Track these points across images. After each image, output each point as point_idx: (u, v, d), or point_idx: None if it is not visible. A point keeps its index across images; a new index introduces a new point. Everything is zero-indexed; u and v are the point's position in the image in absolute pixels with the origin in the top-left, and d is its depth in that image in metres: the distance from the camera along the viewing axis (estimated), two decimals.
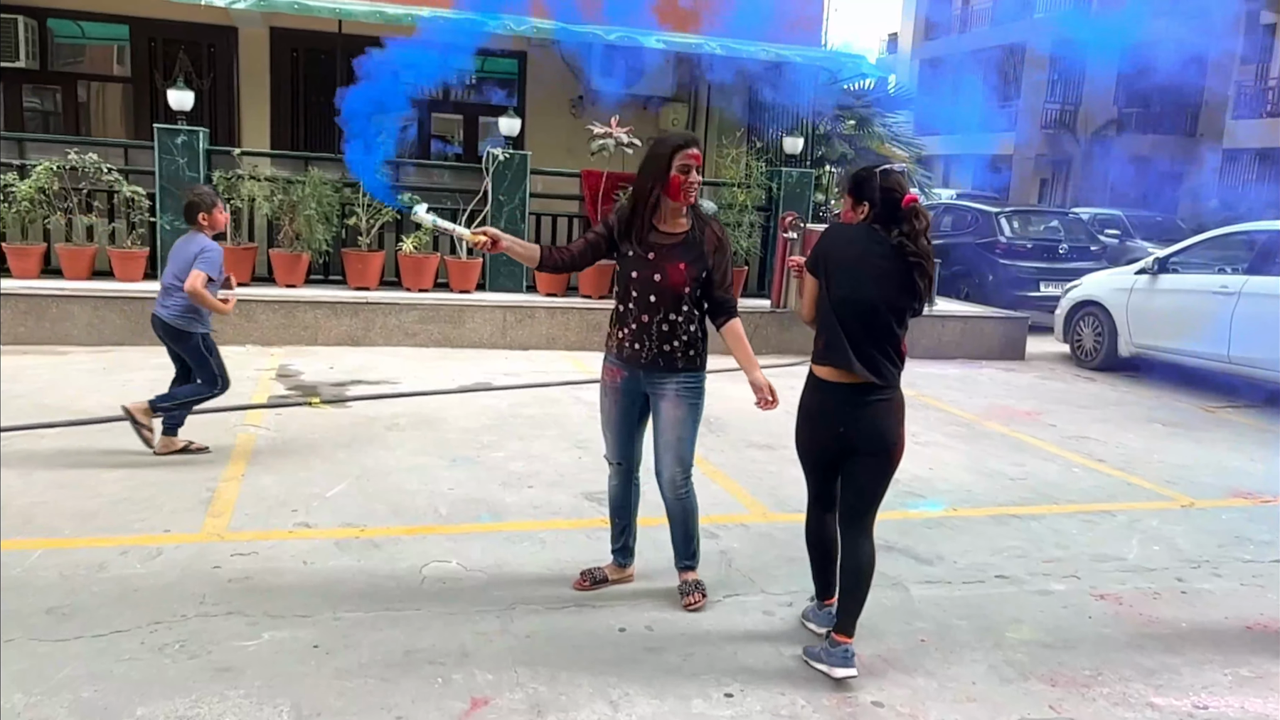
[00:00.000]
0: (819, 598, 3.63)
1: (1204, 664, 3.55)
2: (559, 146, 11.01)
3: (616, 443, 3.81)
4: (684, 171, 3.47)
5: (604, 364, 3.78)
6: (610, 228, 3.65)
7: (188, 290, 5.02)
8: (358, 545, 4.20)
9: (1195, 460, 6.43)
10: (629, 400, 3.72)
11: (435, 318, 9.00)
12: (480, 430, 6.19)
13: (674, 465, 3.70)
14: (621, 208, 3.67)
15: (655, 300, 3.54)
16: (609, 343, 3.73)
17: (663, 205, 3.53)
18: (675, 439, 3.67)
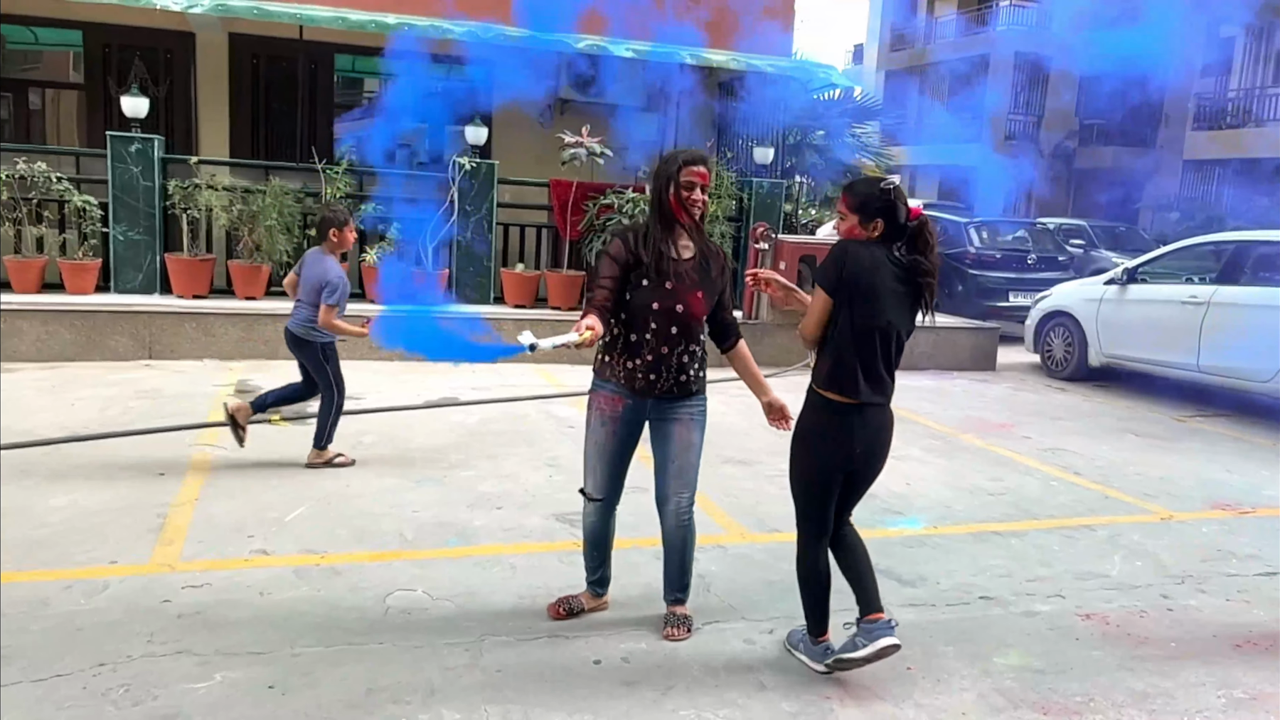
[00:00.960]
0: (813, 634, 3.44)
1: (1197, 686, 3.45)
2: (527, 156, 10.83)
3: (608, 477, 3.58)
4: (688, 188, 3.34)
5: (601, 393, 3.52)
6: (622, 259, 3.37)
7: (323, 326, 5.28)
8: (318, 573, 4.00)
9: (1171, 472, 6.38)
10: (629, 431, 3.52)
11: None
12: (448, 448, 6.00)
13: (682, 491, 3.56)
14: (624, 232, 3.46)
15: (676, 332, 3.40)
16: (609, 371, 3.47)
17: (674, 227, 3.40)
18: (686, 464, 3.54)
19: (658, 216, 3.42)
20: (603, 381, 3.51)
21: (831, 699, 3.24)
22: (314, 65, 11.48)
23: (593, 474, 3.59)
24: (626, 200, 9.23)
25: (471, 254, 9.40)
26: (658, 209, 3.41)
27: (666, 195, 3.37)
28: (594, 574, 3.78)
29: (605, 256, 3.42)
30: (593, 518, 3.67)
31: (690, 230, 3.43)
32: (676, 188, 3.35)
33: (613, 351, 3.46)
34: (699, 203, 3.38)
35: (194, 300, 8.56)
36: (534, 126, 11.64)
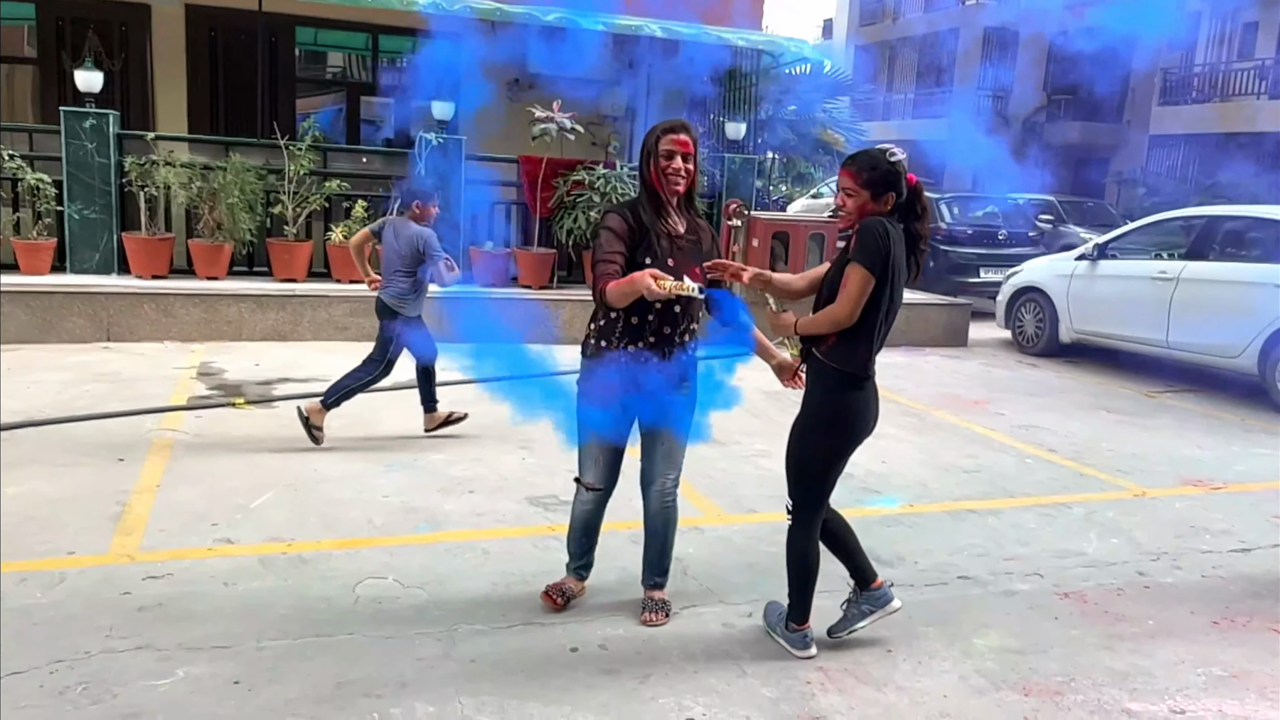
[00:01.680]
0: (796, 620, 3.38)
1: (1176, 665, 3.44)
2: (495, 130, 10.63)
3: (608, 465, 3.49)
4: (667, 158, 3.22)
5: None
6: (624, 233, 3.22)
7: (451, 284, 5.58)
8: (284, 562, 3.88)
9: (1144, 448, 6.40)
10: (628, 416, 3.43)
11: (368, 310, 8.55)
12: (418, 431, 5.88)
13: (669, 472, 3.51)
14: (619, 208, 3.32)
15: (679, 311, 3.33)
16: (605, 355, 3.36)
17: (663, 202, 3.29)
18: (675, 446, 3.48)
19: (645, 193, 3.31)
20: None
21: (812, 684, 3.19)
22: (274, 38, 11.20)
23: (594, 463, 3.48)
24: (598, 176, 9.09)
25: (438, 232, 9.19)
26: (645, 186, 3.31)
27: (648, 170, 3.27)
28: (581, 559, 3.70)
29: (606, 232, 3.24)
30: (589, 506, 3.58)
31: (679, 204, 3.33)
32: (655, 159, 3.24)
33: (610, 336, 3.33)
34: (681, 171, 3.24)
35: (153, 280, 8.34)
36: (501, 101, 11.45)
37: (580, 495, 3.57)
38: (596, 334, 3.37)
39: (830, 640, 3.44)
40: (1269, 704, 3.18)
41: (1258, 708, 3.16)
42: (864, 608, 3.43)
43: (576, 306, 9.18)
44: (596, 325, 3.37)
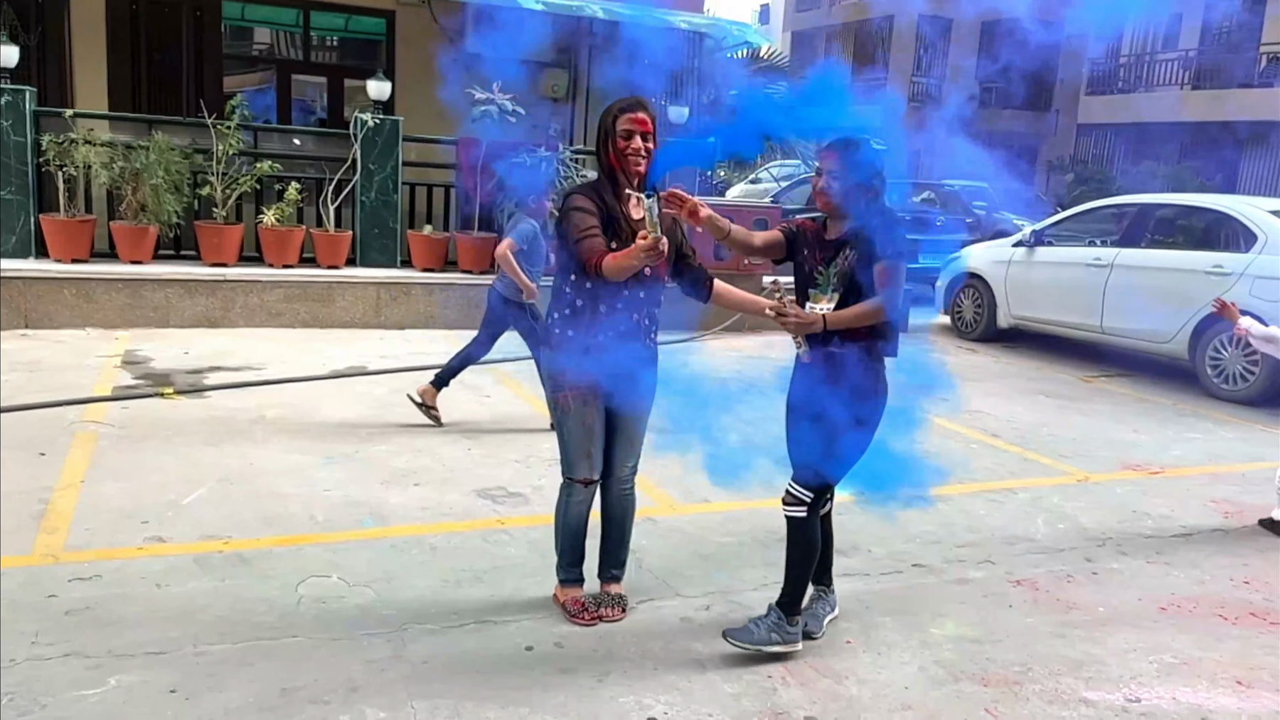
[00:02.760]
0: (792, 614, 3.28)
1: (1128, 652, 3.46)
2: (432, 112, 10.37)
3: (596, 454, 3.35)
4: (625, 138, 3.10)
5: (565, 370, 3.28)
6: (594, 211, 3.11)
7: (496, 254, 5.50)
8: (221, 561, 3.71)
9: (1083, 433, 6.50)
10: (600, 403, 3.31)
11: (302, 296, 8.36)
12: (358, 421, 5.71)
13: (628, 460, 3.44)
14: (582, 189, 3.20)
15: (645, 296, 3.25)
16: (575, 345, 3.23)
17: (623, 184, 3.17)
18: (636, 433, 3.41)
19: (605, 176, 3.21)
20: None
21: (774, 679, 3.14)
22: (199, 12, 10.77)
23: (585, 457, 3.33)
24: (540, 159, 8.91)
25: (376, 215, 8.98)
26: (603, 168, 3.20)
27: (605, 151, 3.16)
28: (577, 567, 3.53)
29: (577, 211, 3.09)
30: (583, 505, 3.43)
31: (640, 186, 3.22)
32: (613, 140, 3.13)
33: (578, 324, 3.22)
34: (641, 151, 3.12)
35: (73, 265, 7.96)
36: (439, 81, 11.19)
37: (573, 495, 3.40)
38: (563, 321, 3.26)
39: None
40: (1221, 690, 3.22)
41: (1210, 695, 3.19)
42: (821, 607, 3.50)
43: None
44: (561, 313, 3.26)
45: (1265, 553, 4.50)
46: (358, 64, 12.15)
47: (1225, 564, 4.34)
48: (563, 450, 3.38)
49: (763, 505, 4.69)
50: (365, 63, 12.16)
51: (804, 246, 3.26)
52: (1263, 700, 3.17)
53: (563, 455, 3.39)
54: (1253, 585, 4.12)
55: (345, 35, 11.96)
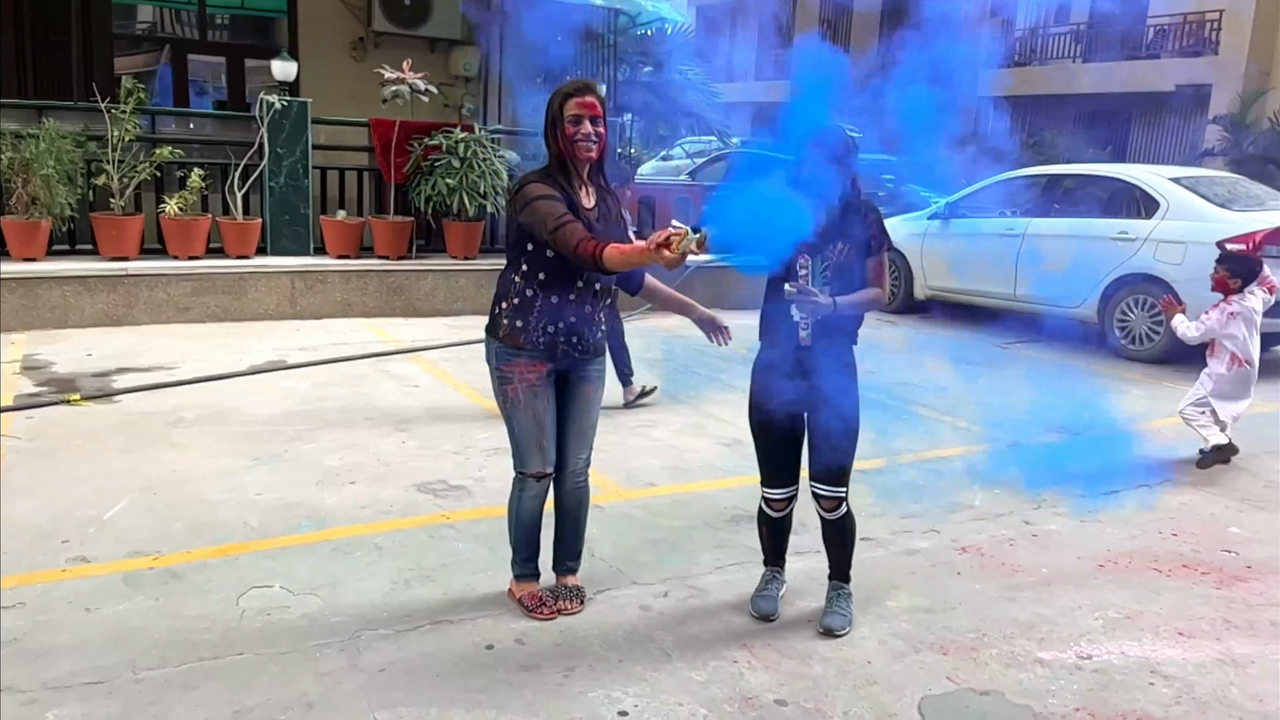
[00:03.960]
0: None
1: (1074, 610, 3.56)
2: (341, 92, 10.07)
3: (549, 446, 3.26)
4: (574, 123, 3.01)
5: (518, 362, 3.16)
6: (559, 198, 3.01)
7: None
8: (153, 578, 3.51)
9: (1006, 399, 6.66)
10: (550, 394, 3.24)
11: (211, 288, 8.02)
12: (283, 419, 5.49)
13: (581, 451, 3.37)
14: (537, 177, 3.08)
15: (600, 287, 3.18)
16: (524, 338, 3.13)
17: (572, 171, 3.08)
18: (587, 423, 3.34)
19: (555, 163, 3.10)
20: (517, 349, 3.15)
21: (739, 663, 3.13)
22: None
23: (538, 450, 3.24)
24: (456, 140, 8.71)
25: (286, 201, 8.64)
26: (552, 154, 3.10)
27: (554, 138, 3.06)
28: (533, 561, 3.45)
29: (544, 200, 2.97)
30: (537, 499, 3.34)
31: (589, 172, 3.14)
32: (562, 126, 3.03)
33: (528, 316, 3.12)
34: (592, 136, 3.03)
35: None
36: (345, 61, 10.85)
37: (526, 489, 3.31)
38: (511, 312, 3.15)
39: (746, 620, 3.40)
40: (1164, 642, 3.33)
41: (1155, 646, 3.30)
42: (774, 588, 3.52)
43: (439, 277, 8.84)
44: (510, 303, 3.15)
45: (1188, 506, 4.69)
46: (257, 43, 11.68)
47: (1152, 519, 4.50)
48: (514, 444, 3.28)
49: (708, 488, 4.71)
50: (266, 42, 11.70)
51: None
52: (1204, 649, 3.29)
53: (514, 449, 3.29)
54: (1180, 537, 4.28)
55: (242, 13, 11.45)
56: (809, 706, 2.90)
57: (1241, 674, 3.12)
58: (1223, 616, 3.52)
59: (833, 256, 3.18)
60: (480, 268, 8.99)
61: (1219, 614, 3.54)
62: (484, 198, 8.75)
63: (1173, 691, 3.02)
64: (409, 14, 10.70)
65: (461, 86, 11.19)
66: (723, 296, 10.01)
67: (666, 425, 5.75)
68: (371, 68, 9.32)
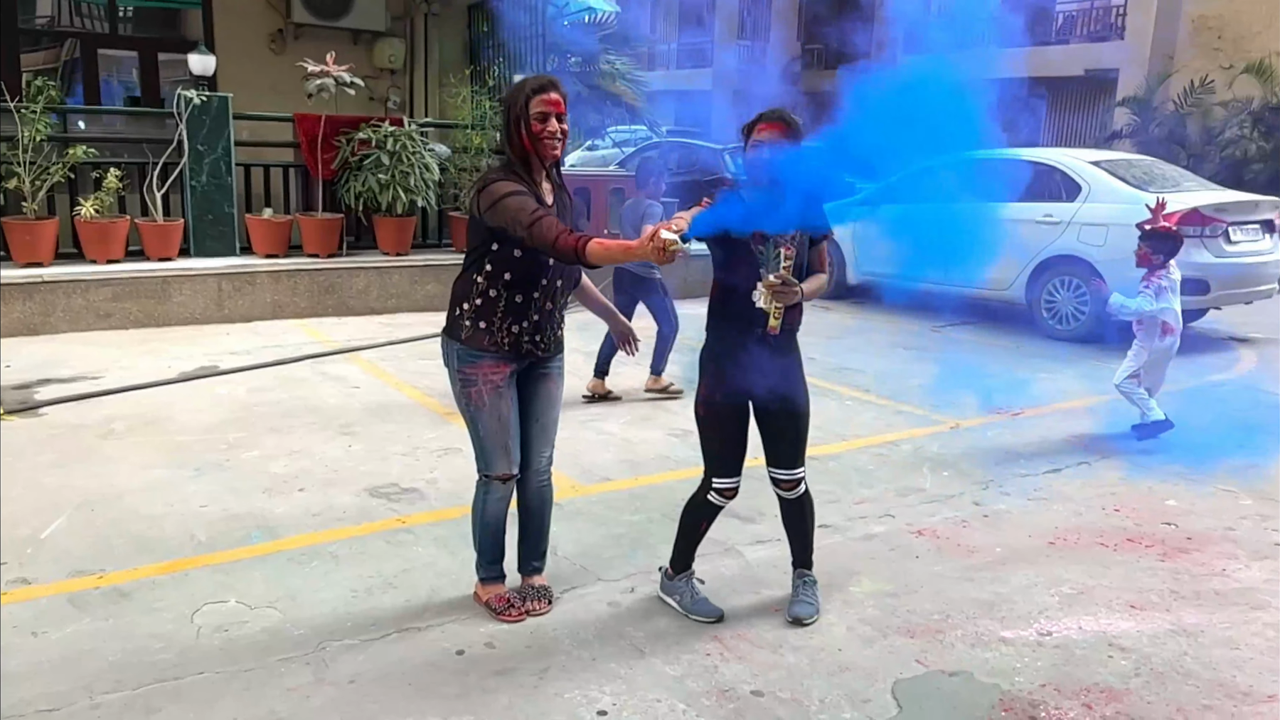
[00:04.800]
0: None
1: (1030, 588, 3.65)
2: (261, 87, 9.76)
3: (514, 448, 3.20)
4: (541, 120, 2.96)
5: (482, 364, 3.10)
6: (527, 194, 2.96)
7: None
8: (99, 598, 3.37)
9: (945, 382, 6.81)
10: (513, 394, 3.19)
11: (133, 293, 7.72)
12: (221, 426, 5.32)
13: (544, 449, 3.33)
14: (502, 175, 3.00)
15: (561, 285, 3.15)
16: (488, 339, 3.08)
17: (534, 168, 3.03)
18: (550, 421, 3.31)
19: (517, 159, 3.04)
20: (480, 351, 3.09)
21: (712, 656, 3.13)
22: None
23: (504, 453, 3.18)
24: (385, 135, 8.53)
25: (209, 200, 8.36)
26: (515, 152, 3.03)
27: (518, 135, 3.00)
28: (499, 563, 3.40)
29: (516, 196, 2.91)
30: (503, 501, 3.28)
31: (549, 169, 3.09)
32: (527, 123, 2.98)
33: (491, 317, 3.07)
34: (558, 134, 2.99)
35: None
36: (264, 55, 10.53)
37: (492, 492, 3.25)
38: (474, 314, 3.09)
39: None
40: (1118, 615, 3.44)
41: (1110, 620, 3.40)
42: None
43: (371, 274, 8.66)
44: (472, 305, 3.09)
45: (1126, 481, 4.85)
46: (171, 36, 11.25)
47: (1094, 494, 4.64)
48: (478, 447, 3.22)
49: (663, 480, 4.70)
50: (179, 35, 11.29)
51: None
52: (1156, 620, 3.40)
53: (479, 452, 3.23)
54: (1123, 512, 4.42)
55: (153, 5, 11.03)
56: (785, 696, 2.92)
57: (1194, 643, 3.24)
58: (1170, 588, 3.65)
59: (789, 243, 3.19)
60: (414, 263, 8.83)
61: (1166, 585, 3.67)
62: (415, 193, 8.59)
63: (1131, 663, 3.12)
64: (330, 5, 10.44)
65: (386, 79, 10.96)
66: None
67: (616, 418, 5.73)
68: (292, 61, 9.09)
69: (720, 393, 3.27)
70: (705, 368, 3.32)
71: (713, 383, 3.29)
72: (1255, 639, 3.27)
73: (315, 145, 8.61)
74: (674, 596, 3.43)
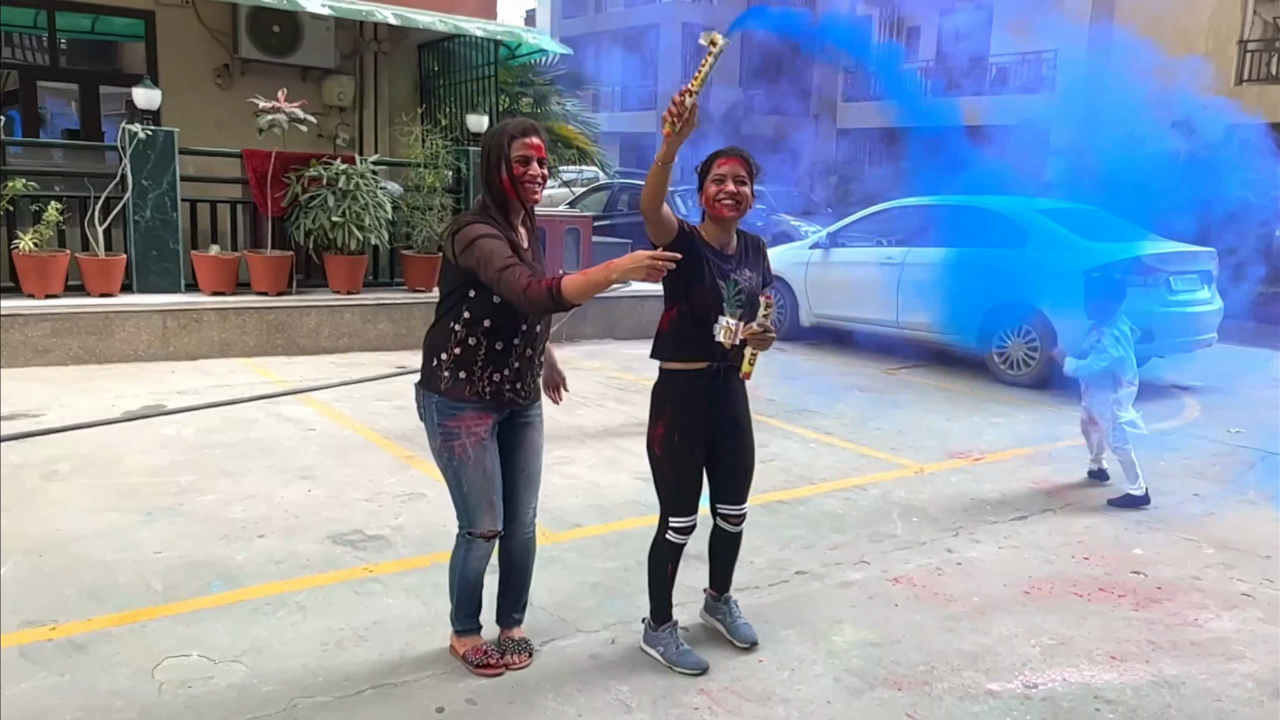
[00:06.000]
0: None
1: (1011, 639, 3.64)
2: (207, 122, 9.57)
3: (499, 503, 3.08)
4: (523, 164, 2.91)
5: (464, 415, 2.99)
6: (502, 239, 2.88)
7: None
8: (53, 651, 3.18)
9: (904, 424, 6.86)
10: (496, 447, 3.09)
11: (74, 329, 7.45)
12: (171, 468, 5.12)
13: (530, 500, 3.24)
14: (477, 218, 2.92)
15: (540, 330, 3.07)
16: (470, 389, 2.97)
17: (512, 212, 2.97)
18: (535, 470, 3.22)
19: (495, 203, 2.98)
20: (461, 403, 2.98)
21: (700, 709, 3.06)
22: None
23: (489, 508, 3.05)
24: (337, 172, 8.40)
25: (154, 236, 8.13)
26: (493, 195, 2.97)
27: (498, 177, 2.94)
28: (476, 616, 3.28)
29: (490, 239, 2.83)
30: (485, 559, 3.16)
31: (527, 212, 3.05)
32: (509, 166, 2.93)
33: (471, 366, 2.97)
34: (538, 178, 2.96)
35: None
36: (210, 89, 10.33)
37: (474, 550, 3.12)
38: (453, 364, 2.99)
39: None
40: (1100, 667, 3.44)
41: (1092, 671, 3.40)
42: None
43: (323, 313, 8.48)
44: (451, 355, 2.99)
45: (1091, 529, 4.89)
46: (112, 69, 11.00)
47: (1062, 542, 4.68)
48: (461, 503, 3.09)
49: (634, 525, 4.63)
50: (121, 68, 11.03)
51: (703, 253, 3.17)
52: (1137, 672, 3.41)
53: (461, 509, 3.09)
54: (1092, 560, 4.46)
55: (93, 37, 10.77)
56: None
57: (1176, 695, 3.25)
58: (1146, 638, 3.67)
59: (747, 284, 3.23)
60: (365, 302, 8.67)
61: (1143, 636, 3.69)
62: (369, 231, 8.47)
63: (1118, 716, 3.11)
64: (278, 41, 10.29)
65: (336, 116, 10.83)
66: (615, 324, 10.04)
67: (581, 461, 5.65)
68: (239, 96, 8.94)
69: (679, 431, 3.23)
70: (661, 406, 3.27)
71: (672, 421, 3.24)
72: (1235, 690, 3.30)
73: (265, 182, 8.45)
74: (657, 648, 3.35)
